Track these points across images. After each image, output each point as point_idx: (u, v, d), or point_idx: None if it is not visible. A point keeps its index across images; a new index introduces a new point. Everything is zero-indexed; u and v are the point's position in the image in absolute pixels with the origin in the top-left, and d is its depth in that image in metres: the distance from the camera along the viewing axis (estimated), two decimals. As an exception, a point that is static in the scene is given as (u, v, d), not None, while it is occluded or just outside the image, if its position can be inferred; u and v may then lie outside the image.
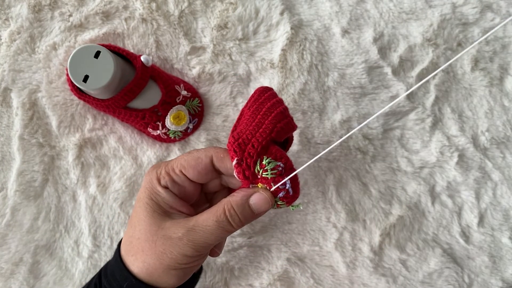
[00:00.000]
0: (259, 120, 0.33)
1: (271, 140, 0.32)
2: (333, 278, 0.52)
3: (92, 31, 0.51)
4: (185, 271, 0.34)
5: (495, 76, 0.57)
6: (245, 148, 0.32)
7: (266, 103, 0.35)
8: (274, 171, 0.31)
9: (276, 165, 0.31)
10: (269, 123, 0.33)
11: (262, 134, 0.32)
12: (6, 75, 0.49)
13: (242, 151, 0.32)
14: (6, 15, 0.50)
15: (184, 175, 0.34)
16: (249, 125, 0.33)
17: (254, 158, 0.31)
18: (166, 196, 0.34)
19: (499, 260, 0.55)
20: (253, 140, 0.32)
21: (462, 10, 0.57)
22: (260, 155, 0.31)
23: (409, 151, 0.55)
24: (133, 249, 0.34)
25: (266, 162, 0.31)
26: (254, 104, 0.35)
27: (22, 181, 0.49)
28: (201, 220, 0.32)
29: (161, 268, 0.32)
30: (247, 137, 0.32)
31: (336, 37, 0.55)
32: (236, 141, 0.32)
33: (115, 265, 0.35)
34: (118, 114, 0.48)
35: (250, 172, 0.32)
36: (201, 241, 0.32)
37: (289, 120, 0.34)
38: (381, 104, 0.55)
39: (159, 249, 0.32)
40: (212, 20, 0.53)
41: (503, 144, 0.57)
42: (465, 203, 0.55)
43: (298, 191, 0.33)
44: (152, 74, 0.47)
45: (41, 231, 0.49)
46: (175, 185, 0.34)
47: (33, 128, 0.50)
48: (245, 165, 0.31)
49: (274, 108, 0.34)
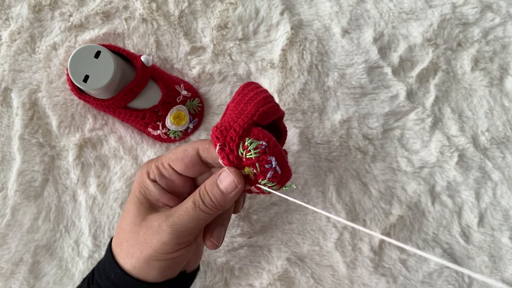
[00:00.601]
0: (242, 108, 0.33)
1: (253, 124, 0.32)
2: (333, 278, 0.52)
3: (92, 31, 0.51)
4: (167, 263, 0.33)
5: (495, 76, 0.57)
6: (227, 133, 0.31)
7: (249, 93, 0.35)
8: (257, 150, 0.30)
9: (259, 144, 0.30)
10: (251, 108, 0.33)
11: (244, 119, 0.32)
12: (6, 75, 0.49)
13: (224, 136, 0.31)
14: (7, 15, 0.50)
15: (172, 168, 0.34)
16: (232, 115, 0.33)
17: (236, 142, 0.31)
18: (153, 189, 0.34)
19: (499, 260, 0.55)
20: (234, 125, 0.32)
21: (462, 10, 0.57)
22: (242, 138, 0.31)
23: (409, 151, 0.55)
24: (119, 239, 0.34)
25: (248, 143, 0.31)
26: (238, 96, 0.35)
27: (22, 181, 0.49)
28: (180, 206, 0.32)
29: (142, 258, 0.32)
30: (229, 124, 0.32)
31: (336, 37, 0.55)
32: (218, 129, 0.32)
33: (106, 257, 0.35)
34: (118, 114, 0.48)
35: (234, 156, 0.31)
36: (180, 225, 0.31)
37: (272, 105, 0.34)
38: (381, 104, 0.55)
39: (141, 239, 0.32)
40: (212, 20, 0.53)
41: (503, 144, 0.57)
42: (465, 203, 0.55)
43: (287, 169, 0.32)
44: (152, 74, 0.47)
45: (41, 231, 0.49)
46: (163, 178, 0.35)
47: (33, 128, 0.50)
48: (228, 149, 0.31)
49: (257, 96, 0.34)
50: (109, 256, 0.35)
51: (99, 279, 0.35)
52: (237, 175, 0.31)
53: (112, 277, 0.33)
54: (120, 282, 0.33)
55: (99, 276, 0.35)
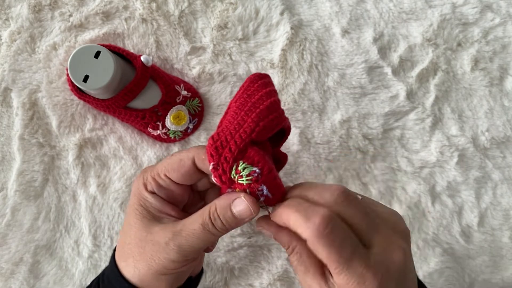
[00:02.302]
0: (242, 118, 0.31)
1: (251, 142, 0.30)
2: (333, 278, 0.52)
3: (92, 31, 0.51)
4: (176, 276, 0.34)
5: (495, 76, 0.57)
6: (222, 151, 0.30)
7: (254, 95, 0.32)
8: (249, 177, 0.29)
9: (252, 170, 0.29)
10: (251, 122, 0.30)
11: (242, 135, 0.30)
12: (6, 75, 0.49)
13: (219, 155, 0.30)
14: (6, 15, 0.50)
15: (169, 178, 0.34)
16: (232, 122, 0.32)
17: (230, 164, 0.30)
18: (153, 201, 0.34)
19: (500, 260, 0.55)
20: (231, 142, 0.30)
21: (462, 10, 0.57)
22: (237, 160, 0.30)
23: (409, 151, 0.55)
24: (124, 254, 0.34)
25: (241, 168, 0.30)
26: (242, 96, 0.33)
27: (22, 181, 0.49)
28: (187, 224, 0.32)
29: (150, 273, 0.32)
30: (226, 139, 0.30)
31: (336, 37, 0.55)
32: (214, 143, 0.31)
33: (111, 271, 0.35)
34: (118, 114, 0.48)
35: (226, 177, 0.30)
36: (187, 246, 0.31)
37: (274, 116, 0.31)
38: (381, 104, 0.55)
39: (148, 255, 0.32)
40: (212, 20, 0.53)
41: (503, 144, 0.57)
42: (465, 203, 0.55)
43: (278, 192, 0.31)
44: (152, 74, 0.47)
45: (41, 231, 0.49)
46: (161, 189, 0.34)
47: (33, 128, 0.50)
48: (221, 171, 0.30)
49: (260, 102, 0.32)
50: (114, 271, 0.34)
51: None
52: (253, 204, 0.31)
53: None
54: None
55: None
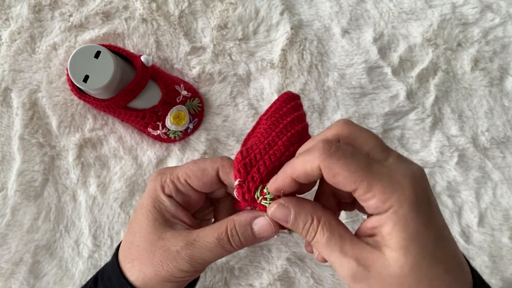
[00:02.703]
0: (273, 139, 0.31)
1: (279, 165, 0.30)
2: (333, 278, 0.52)
3: (92, 31, 0.51)
4: (180, 284, 0.33)
5: (495, 76, 0.57)
6: (250, 170, 0.30)
7: (286, 117, 0.32)
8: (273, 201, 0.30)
9: (276, 195, 0.30)
10: (282, 145, 0.31)
11: (272, 157, 0.30)
12: (6, 75, 0.49)
13: (247, 173, 0.30)
14: (7, 15, 0.50)
15: (188, 184, 0.33)
16: (262, 141, 0.32)
17: (257, 184, 0.30)
18: (169, 205, 0.33)
19: (499, 260, 0.55)
20: (260, 162, 0.30)
21: (462, 10, 0.57)
22: (264, 182, 0.30)
23: (409, 151, 0.55)
24: (131, 256, 0.33)
25: (267, 191, 0.30)
26: (274, 115, 0.33)
27: (22, 181, 0.49)
28: (202, 235, 0.31)
29: (156, 279, 0.32)
30: (255, 157, 0.31)
31: (336, 37, 0.55)
32: (243, 160, 0.31)
33: (112, 270, 0.34)
34: (118, 114, 0.48)
35: (250, 196, 0.30)
36: (199, 258, 0.31)
37: (304, 142, 0.32)
38: (381, 104, 0.55)
39: (157, 260, 0.32)
40: (212, 20, 0.53)
41: (503, 144, 0.57)
42: (465, 203, 0.55)
43: None
44: (152, 74, 0.47)
45: (41, 231, 0.49)
46: (179, 194, 0.34)
47: (33, 128, 0.50)
48: (246, 189, 0.30)
49: (292, 126, 0.32)
50: (116, 271, 0.34)
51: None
52: (276, 223, 0.30)
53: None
54: None
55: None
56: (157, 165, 0.51)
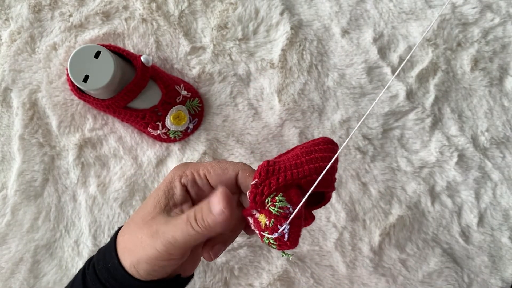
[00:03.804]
0: (301, 162, 0.33)
1: (297, 185, 0.32)
2: (333, 278, 0.52)
3: (92, 31, 0.51)
4: (155, 268, 0.33)
5: (495, 76, 0.57)
6: (270, 176, 0.31)
7: (320, 152, 0.34)
8: (280, 210, 0.31)
9: (286, 206, 0.30)
10: (307, 170, 0.32)
11: (294, 175, 0.31)
12: (6, 75, 0.49)
13: (266, 178, 0.31)
14: (6, 15, 0.50)
15: (207, 179, 0.34)
16: (290, 161, 0.33)
17: (271, 190, 0.31)
18: (178, 193, 0.34)
19: (499, 259, 0.55)
20: (281, 174, 0.31)
21: (462, 10, 0.57)
22: (278, 190, 0.31)
23: (409, 151, 0.55)
24: (125, 229, 0.35)
25: (278, 199, 0.31)
26: (311, 146, 0.35)
27: (22, 181, 0.49)
28: (177, 217, 0.32)
29: (133, 256, 0.33)
30: (279, 169, 0.32)
31: (336, 37, 0.55)
32: (267, 166, 0.32)
33: (109, 244, 0.35)
34: (118, 114, 0.48)
35: (260, 199, 0.31)
36: (169, 235, 0.31)
37: (328, 177, 0.33)
38: (380, 104, 0.55)
39: (139, 237, 0.33)
40: (212, 20, 0.53)
41: (502, 144, 0.57)
42: (465, 203, 0.55)
43: (294, 242, 0.32)
44: (152, 74, 0.47)
45: (41, 231, 0.49)
46: (194, 185, 0.35)
47: (33, 128, 0.50)
48: (260, 191, 0.31)
49: (323, 160, 0.33)
50: (111, 244, 0.35)
51: (96, 263, 0.35)
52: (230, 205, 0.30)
53: (109, 265, 0.34)
54: (114, 272, 0.34)
55: (98, 260, 0.35)
56: (157, 165, 0.51)
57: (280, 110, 0.53)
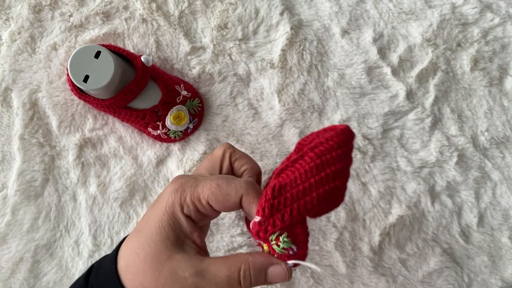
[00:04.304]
0: (310, 184, 0.30)
1: (304, 219, 0.30)
2: (333, 278, 0.52)
3: (92, 31, 0.51)
4: None
5: (495, 76, 0.57)
6: (275, 214, 0.30)
7: (333, 163, 0.31)
8: (284, 251, 0.30)
9: (290, 247, 0.30)
10: (315, 198, 0.30)
11: (300, 208, 0.30)
12: (6, 75, 0.49)
13: (270, 215, 0.30)
14: (7, 15, 0.50)
15: (210, 206, 0.33)
16: (298, 183, 0.30)
17: (276, 230, 0.30)
18: (185, 225, 0.33)
19: (499, 259, 0.55)
20: (287, 210, 0.30)
21: (462, 10, 0.57)
22: (283, 230, 0.30)
23: (409, 151, 0.55)
24: (134, 268, 0.32)
25: (282, 240, 0.30)
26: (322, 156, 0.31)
27: (22, 181, 0.49)
28: (213, 269, 0.31)
29: None
30: (285, 201, 0.30)
31: (335, 37, 0.55)
32: (272, 200, 0.30)
33: (110, 277, 0.33)
34: (118, 114, 0.48)
35: (264, 237, 0.30)
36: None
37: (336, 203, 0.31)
38: (380, 104, 0.55)
39: (161, 280, 0.31)
40: (212, 20, 0.53)
41: (502, 144, 0.57)
42: (465, 203, 0.55)
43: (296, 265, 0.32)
44: (152, 74, 0.48)
45: (42, 230, 0.49)
46: (198, 214, 0.33)
47: (33, 128, 0.50)
48: (264, 229, 0.30)
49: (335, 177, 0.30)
50: (115, 279, 0.32)
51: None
52: (290, 275, 0.31)
53: None
54: None
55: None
56: (157, 165, 0.51)
57: (280, 110, 0.53)
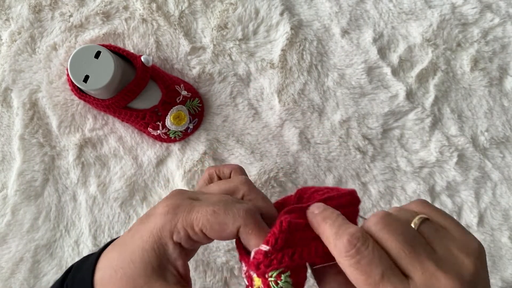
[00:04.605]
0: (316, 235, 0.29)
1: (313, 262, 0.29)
2: (333, 278, 0.52)
3: (92, 31, 0.51)
4: None
5: (495, 76, 0.57)
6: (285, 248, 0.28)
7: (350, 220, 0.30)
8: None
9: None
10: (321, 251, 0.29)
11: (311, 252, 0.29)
12: (6, 75, 0.49)
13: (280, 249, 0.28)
14: (7, 15, 0.50)
15: (203, 234, 0.30)
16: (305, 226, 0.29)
17: (281, 266, 0.28)
18: (172, 253, 0.30)
19: (499, 259, 0.55)
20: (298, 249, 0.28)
21: (462, 11, 0.57)
22: (287, 269, 0.28)
23: (409, 151, 0.55)
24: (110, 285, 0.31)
25: (284, 279, 0.28)
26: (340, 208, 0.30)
27: (22, 181, 0.49)
28: None
29: None
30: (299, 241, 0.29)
31: (335, 37, 0.55)
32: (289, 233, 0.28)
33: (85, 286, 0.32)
34: (118, 114, 0.48)
35: (264, 270, 0.28)
36: None
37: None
38: (380, 104, 0.55)
39: None
40: (212, 21, 0.53)
41: (502, 144, 0.57)
42: (465, 203, 0.55)
43: None
44: (152, 74, 0.48)
45: (42, 230, 0.49)
46: (189, 241, 0.31)
47: (33, 128, 0.50)
48: (269, 261, 0.28)
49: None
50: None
51: None
52: None
53: None
54: None
55: None
56: (157, 165, 0.51)
57: (280, 110, 0.53)
